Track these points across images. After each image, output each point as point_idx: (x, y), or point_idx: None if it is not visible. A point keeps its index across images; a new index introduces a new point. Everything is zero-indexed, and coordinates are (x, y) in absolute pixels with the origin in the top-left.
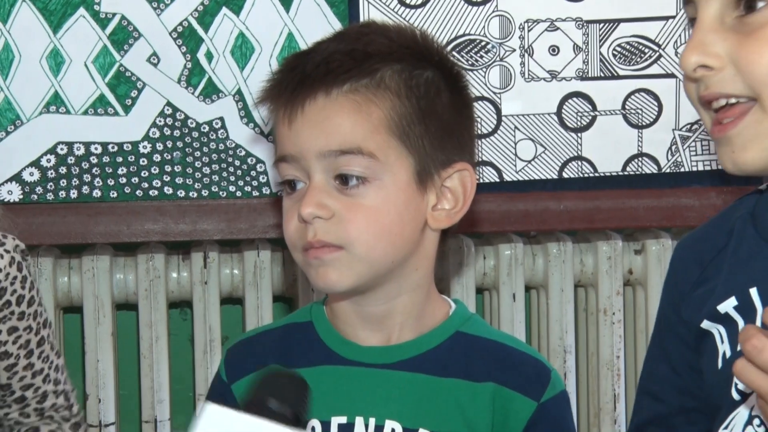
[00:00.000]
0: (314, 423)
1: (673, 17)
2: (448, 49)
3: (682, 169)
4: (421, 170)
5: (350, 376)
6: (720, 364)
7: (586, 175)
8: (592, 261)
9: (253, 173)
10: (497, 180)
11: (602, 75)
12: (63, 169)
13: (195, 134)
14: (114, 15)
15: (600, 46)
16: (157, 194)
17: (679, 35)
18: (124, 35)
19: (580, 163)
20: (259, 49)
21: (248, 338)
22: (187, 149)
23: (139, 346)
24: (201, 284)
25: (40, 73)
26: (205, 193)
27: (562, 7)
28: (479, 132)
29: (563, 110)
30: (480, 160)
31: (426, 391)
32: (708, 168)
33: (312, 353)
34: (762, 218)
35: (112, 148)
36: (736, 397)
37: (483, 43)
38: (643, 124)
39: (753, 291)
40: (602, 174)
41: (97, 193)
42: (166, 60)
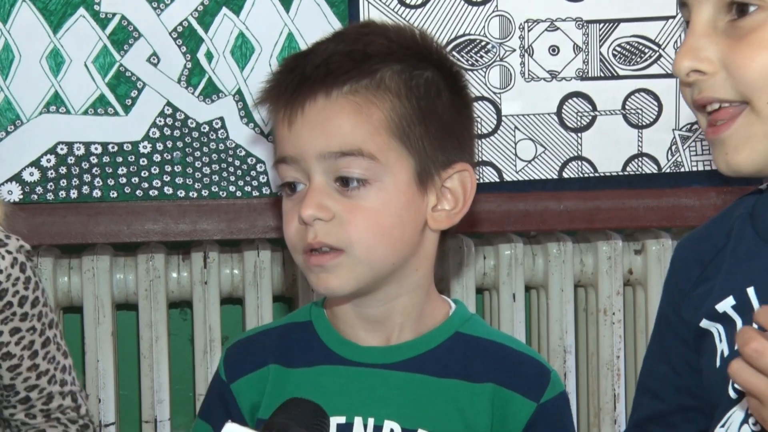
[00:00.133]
0: None
1: (673, 17)
2: (448, 49)
3: (682, 169)
4: (422, 171)
5: (349, 376)
6: (718, 363)
7: (586, 175)
8: (592, 261)
9: (253, 173)
10: (497, 180)
11: (602, 75)
12: (63, 169)
13: (195, 134)
14: (114, 15)
15: (600, 46)
16: (157, 194)
17: (679, 35)
18: (124, 35)
19: (580, 163)
20: (259, 49)
21: (247, 338)
22: (187, 149)
23: (139, 346)
24: (201, 284)
25: (40, 73)
26: (205, 193)
27: (562, 7)
28: (479, 132)
29: (563, 110)
30: (480, 160)
31: (425, 391)
32: (708, 168)
33: (311, 353)
34: (761, 218)
35: (112, 148)
36: (733, 395)
37: (483, 43)
38: (643, 124)
39: (750, 290)
40: (602, 174)
41: (97, 193)
42: (166, 60)
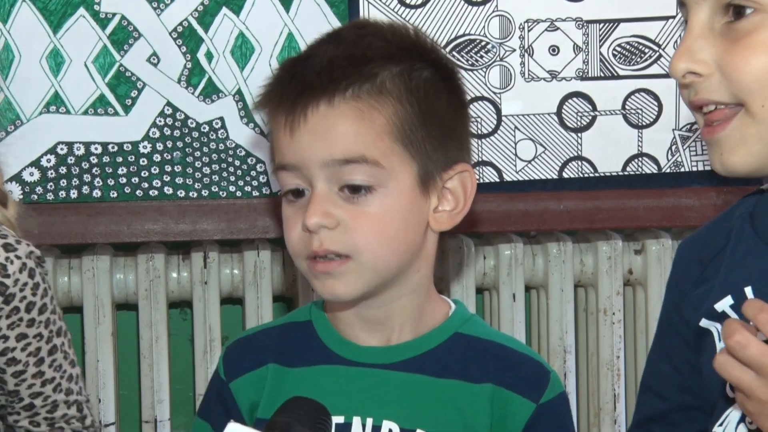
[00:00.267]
0: None
1: (673, 17)
2: (448, 49)
3: (682, 169)
4: (424, 174)
5: (348, 376)
6: None
7: (586, 175)
8: (592, 261)
9: (253, 173)
10: (497, 180)
11: (602, 75)
12: (63, 169)
13: (195, 134)
14: (114, 15)
15: (600, 46)
16: (157, 194)
17: (679, 35)
18: (124, 35)
19: (580, 163)
20: (259, 49)
21: (247, 337)
22: (187, 149)
23: (139, 346)
24: (201, 284)
25: (40, 73)
26: (205, 193)
27: (562, 7)
28: (479, 132)
29: (563, 110)
30: (480, 160)
31: (424, 391)
32: (708, 168)
33: (310, 352)
34: (760, 219)
35: (112, 148)
36: (731, 394)
37: (483, 43)
38: (643, 124)
39: (748, 290)
40: (602, 174)
41: (97, 193)
42: (166, 60)
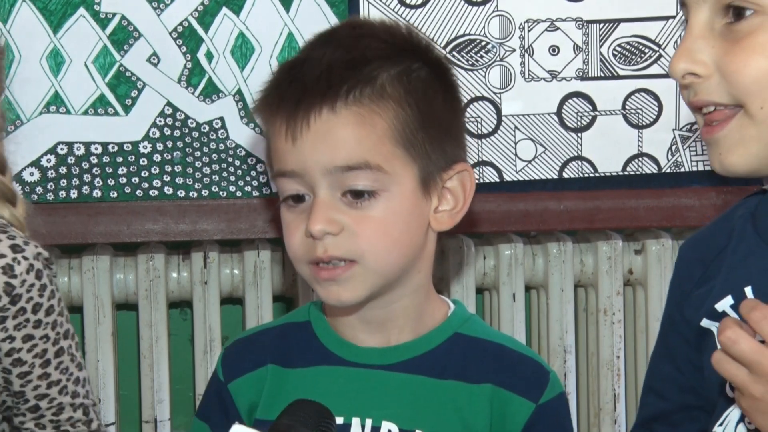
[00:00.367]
0: None
1: (673, 17)
2: (448, 49)
3: (682, 169)
4: (425, 176)
5: (348, 377)
6: None
7: (586, 175)
8: (592, 261)
9: (253, 173)
10: (497, 180)
11: (602, 75)
12: (63, 169)
13: (195, 134)
14: (114, 15)
15: (600, 46)
16: (157, 194)
17: (679, 35)
18: (124, 35)
19: (580, 163)
20: (259, 49)
21: (245, 338)
22: (187, 149)
23: (139, 346)
24: (201, 284)
25: (40, 73)
26: (205, 193)
27: (562, 7)
28: (479, 132)
29: (563, 110)
30: (480, 160)
31: (424, 392)
32: (708, 168)
33: (309, 353)
34: (762, 219)
35: (112, 148)
36: (730, 394)
37: (483, 43)
38: (643, 124)
39: (748, 290)
40: (602, 174)
41: (97, 193)
42: (166, 60)
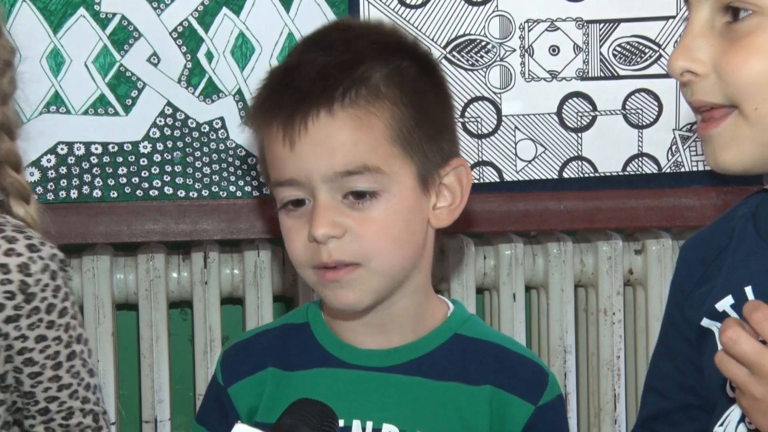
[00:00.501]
0: None
1: (673, 17)
2: (448, 49)
3: (682, 169)
4: (424, 173)
5: (348, 379)
6: None
7: (586, 175)
8: (592, 261)
9: (253, 173)
10: (497, 180)
11: (602, 75)
12: (63, 169)
13: (195, 134)
14: (114, 15)
15: (600, 46)
16: (158, 194)
17: (680, 35)
18: (124, 35)
19: (580, 163)
20: (260, 49)
21: (244, 341)
22: (187, 149)
23: (139, 346)
24: (201, 284)
25: (40, 73)
26: (205, 193)
27: (562, 7)
28: (479, 132)
29: (563, 110)
30: (480, 160)
31: (424, 394)
32: (708, 168)
33: (309, 356)
34: (762, 219)
35: (113, 148)
36: (731, 394)
37: (483, 43)
38: (644, 124)
39: (748, 289)
40: (602, 174)
41: (97, 193)
42: (166, 60)
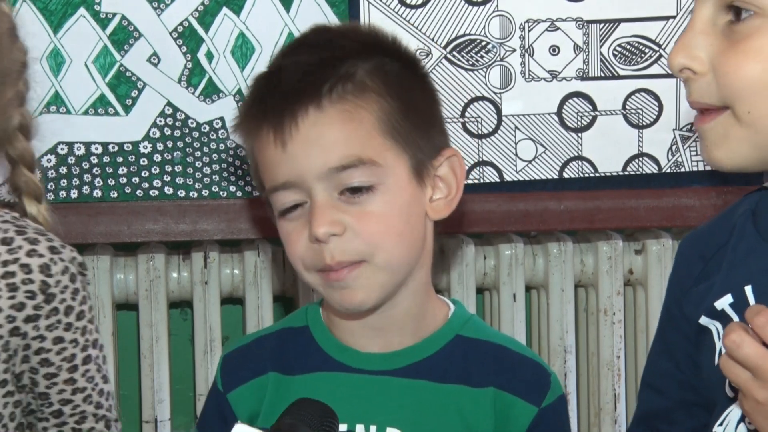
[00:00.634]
0: None
1: (674, 17)
2: (448, 49)
3: (682, 169)
4: (417, 164)
5: (350, 384)
6: (716, 360)
7: (586, 175)
8: (593, 261)
9: None
10: (497, 180)
11: (602, 75)
12: (63, 169)
13: (195, 134)
14: (114, 15)
15: (600, 46)
16: (158, 194)
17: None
18: (124, 35)
19: (580, 163)
20: (260, 49)
21: (243, 346)
22: (187, 149)
23: (139, 346)
24: (201, 284)
25: (41, 73)
26: (205, 193)
27: (562, 7)
28: (479, 132)
29: (564, 110)
30: (480, 160)
31: (427, 397)
32: (708, 168)
33: (309, 359)
34: (762, 216)
35: (113, 148)
36: (730, 394)
37: (483, 43)
38: (644, 124)
39: (748, 289)
40: (602, 174)
41: (97, 193)
42: (166, 60)
